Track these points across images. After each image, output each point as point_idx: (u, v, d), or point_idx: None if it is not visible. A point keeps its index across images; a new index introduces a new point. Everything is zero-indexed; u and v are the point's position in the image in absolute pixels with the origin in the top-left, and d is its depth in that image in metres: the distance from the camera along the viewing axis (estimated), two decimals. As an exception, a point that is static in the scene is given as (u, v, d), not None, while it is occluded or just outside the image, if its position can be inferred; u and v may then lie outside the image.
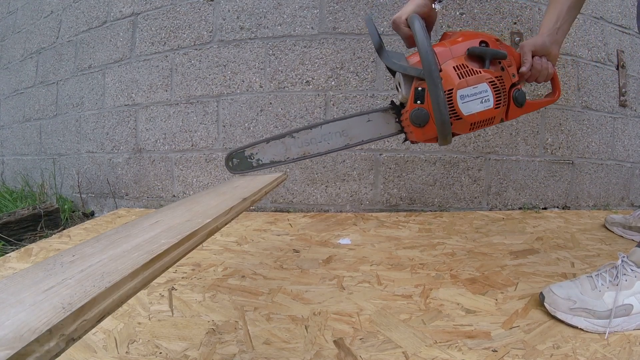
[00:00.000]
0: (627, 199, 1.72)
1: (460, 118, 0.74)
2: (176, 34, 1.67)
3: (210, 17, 1.62)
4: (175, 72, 1.68)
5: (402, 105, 0.80)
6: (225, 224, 0.57)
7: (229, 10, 1.59)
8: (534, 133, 1.55)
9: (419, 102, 0.75)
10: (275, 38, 1.55)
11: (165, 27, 1.69)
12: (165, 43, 1.70)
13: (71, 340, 0.27)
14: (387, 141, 1.51)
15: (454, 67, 0.74)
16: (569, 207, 1.61)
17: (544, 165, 1.58)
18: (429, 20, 0.83)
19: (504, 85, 0.76)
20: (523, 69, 0.79)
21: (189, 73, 1.66)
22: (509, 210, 1.55)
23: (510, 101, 0.78)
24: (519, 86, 0.79)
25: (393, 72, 0.81)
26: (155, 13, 1.71)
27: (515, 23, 1.51)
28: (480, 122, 0.76)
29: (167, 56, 1.70)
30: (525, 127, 1.55)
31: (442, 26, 1.49)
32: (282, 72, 1.55)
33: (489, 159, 1.53)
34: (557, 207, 1.60)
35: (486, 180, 1.54)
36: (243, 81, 1.59)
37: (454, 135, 0.77)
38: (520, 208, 1.57)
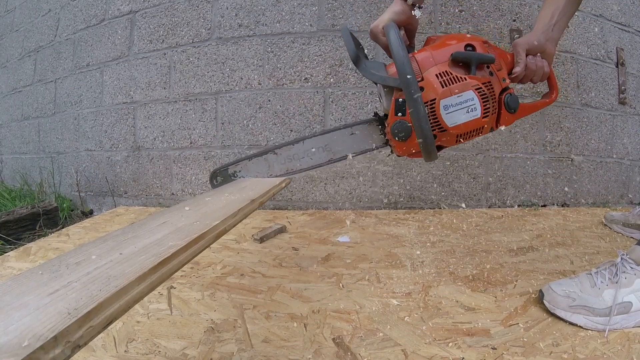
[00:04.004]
0: (626, 196, 1.72)
1: (445, 130, 0.70)
2: (174, 32, 1.67)
3: (209, 15, 1.61)
4: (173, 69, 1.68)
5: (386, 116, 0.75)
6: (234, 226, 0.56)
7: (227, 8, 1.58)
8: (533, 130, 1.55)
9: (400, 114, 0.70)
10: (274, 35, 1.54)
11: (163, 24, 1.68)
12: (163, 41, 1.69)
13: (77, 347, 0.27)
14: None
15: (436, 75, 0.68)
16: (568, 204, 1.61)
17: (543, 162, 1.57)
18: (409, 28, 0.80)
19: (493, 92, 0.70)
20: (516, 69, 0.74)
21: (187, 71, 1.66)
22: (508, 207, 1.55)
23: (502, 108, 0.72)
24: (510, 90, 0.73)
25: (376, 82, 0.77)
26: (153, 11, 1.70)
27: (514, 20, 1.50)
28: (467, 133, 0.71)
29: (165, 54, 1.69)
30: (525, 125, 1.54)
31: (440, 23, 1.48)
32: (280, 69, 1.55)
33: (488, 156, 1.53)
34: (557, 205, 1.60)
35: (485, 178, 1.54)
36: (241, 78, 1.59)
37: (440, 148, 0.73)
38: (519, 205, 1.57)
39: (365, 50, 0.85)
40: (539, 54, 0.77)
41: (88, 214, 1.88)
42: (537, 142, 1.56)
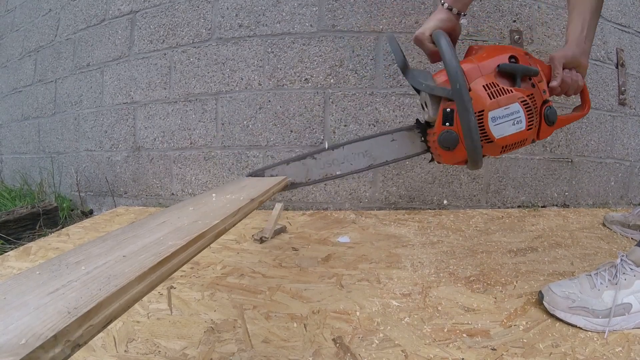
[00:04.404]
0: (626, 197, 1.72)
1: (492, 141, 0.70)
2: (175, 32, 1.67)
3: (209, 15, 1.61)
4: (173, 70, 1.68)
5: (428, 124, 0.77)
6: (234, 225, 0.56)
7: (227, 8, 1.58)
8: (533, 131, 1.55)
9: (447, 124, 0.70)
10: (274, 36, 1.54)
11: (163, 24, 1.69)
12: (163, 41, 1.69)
13: (77, 347, 0.27)
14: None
15: (484, 87, 0.69)
16: (568, 205, 1.61)
17: (543, 163, 1.58)
18: (453, 35, 0.79)
19: (536, 104, 0.71)
20: (554, 83, 0.74)
21: (187, 71, 1.66)
22: (508, 208, 1.55)
23: (542, 120, 0.73)
24: (549, 103, 0.74)
25: (418, 90, 0.77)
26: (153, 11, 1.70)
27: (514, 21, 1.51)
28: (512, 144, 0.72)
29: (165, 54, 1.69)
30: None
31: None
32: (281, 69, 1.55)
33: (488, 157, 1.53)
34: (556, 205, 1.60)
35: (485, 179, 1.54)
36: (242, 79, 1.59)
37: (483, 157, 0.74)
38: (519, 206, 1.57)
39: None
40: (574, 68, 0.77)
41: (88, 213, 1.88)
42: (537, 143, 1.56)
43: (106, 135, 1.87)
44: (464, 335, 0.66)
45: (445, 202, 1.53)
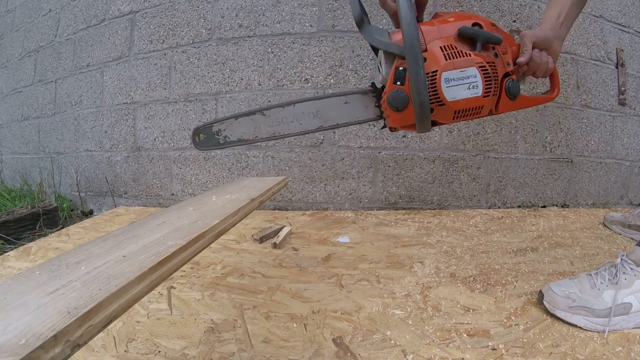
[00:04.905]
0: (626, 197, 1.72)
1: (443, 104, 0.67)
2: (175, 32, 1.67)
3: (209, 15, 1.61)
4: (173, 70, 1.68)
5: (383, 88, 0.72)
6: (234, 225, 0.56)
7: (227, 8, 1.58)
8: (533, 131, 1.55)
9: (398, 82, 0.67)
10: (274, 36, 1.54)
11: (163, 25, 1.69)
12: (163, 41, 1.69)
13: (77, 346, 0.27)
14: (387, 139, 1.51)
15: (440, 48, 0.66)
16: (568, 205, 1.61)
17: (543, 163, 1.58)
18: (419, 1, 0.78)
19: (496, 73, 0.68)
20: (521, 59, 0.72)
21: (187, 71, 1.66)
22: (508, 208, 1.55)
23: (502, 92, 0.70)
24: (512, 76, 0.72)
25: (376, 51, 0.74)
26: (153, 11, 1.70)
27: (514, 21, 1.51)
28: (465, 110, 0.69)
29: (165, 54, 1.69)
30: (525, 125, 1.54)
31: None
32: (280, 70, 1.55)
33: (488, 157, 1.53)
34: (556, 206, 1.60)
35: (485, 179, 1.54)
36: (242, 79, 1.59)
37: (435, 124, 0.71)
38: (519, 206, 1.57)
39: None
40: (544, 50, 0.76)
41: (88, 214, 1.88)
42: (536, 143, 1.56)
43: (106, 135, 1.87)
44: (464, 335, 0.66)
45: (444, 207, 1.53)
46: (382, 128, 0.80)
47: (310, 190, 1.55)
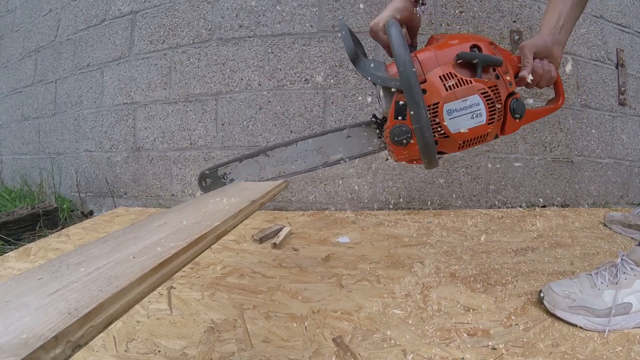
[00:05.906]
0: (626, 197, 1.72)
1: (448, 136, 0.65)
2: (175, 32, 1.67)
3: (209, 15, 1.61)
4: (174, 70, 1.68)
5: (385, 119, 0.71)
6: (234, 227, 0.56)
7: (227, 8, 1.58)
8: (532, 131, 1.55)
9: (400, 117, 0.65)
10: (274, 36, 1.54)
11: (164, 25, 1.69)
12: (164, 41, 1.69)
13: (77, 347, 0.27)
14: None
15: (440, 77, 0.64)
16: (568, 205, 1.61)
17: (543, 163, 1.58)
18: (411, 25, 0.76)
19: (499, 97, 0.66)
20: (523, 72, 0.70)
21: (187, 71, 1.66)
22: (508, 208, 1.55)
23: (507, 114, 0.69)
24: (516, 95, 0.69)
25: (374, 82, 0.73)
26: (154, 11, 1.71)
27: (514, 21, 1.51)
28: (471, 140, 0.67)
29: (165, 54, 1.69)
30: (524, 126, 1.53)
31: (441, 24, 1.49)
32: (281, 70, 1.55)
33: (488, 157, 1.53)
34: (556, 205, 1.60)
35: (485, 179, 1.54)
36: (242, 79, 1.59)
37: (441, 154, 0.69)
38: (519, 206, 1.57)
39: (367, 51, 0.83)
40: (545, 58, 0.74)
41: (88, 214, 1.88)
42: (536, 143, 1.56)
43: (106, 135, 1.87)
44: (464, 334, 0.66)
45: (444, 207, 1.53)
46: (387, 160, 0.79)
47: (310, 190, 1.55)
